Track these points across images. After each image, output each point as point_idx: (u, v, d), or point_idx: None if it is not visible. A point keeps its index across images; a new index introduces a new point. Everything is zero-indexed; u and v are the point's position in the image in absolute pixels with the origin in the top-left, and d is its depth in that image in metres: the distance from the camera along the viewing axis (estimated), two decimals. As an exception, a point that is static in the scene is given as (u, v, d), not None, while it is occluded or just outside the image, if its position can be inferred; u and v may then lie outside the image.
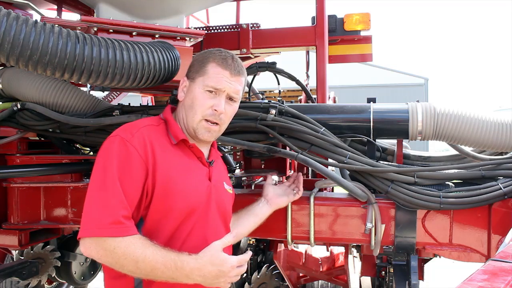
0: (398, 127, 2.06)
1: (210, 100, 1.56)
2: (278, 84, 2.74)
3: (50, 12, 3.10)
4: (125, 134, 1.47)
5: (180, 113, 1.63)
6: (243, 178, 2.61)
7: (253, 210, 1.95)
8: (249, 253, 1.51)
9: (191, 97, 1.58)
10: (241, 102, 2.25)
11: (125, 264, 1.34)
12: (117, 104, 2.26)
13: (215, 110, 1.56)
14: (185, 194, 1.51)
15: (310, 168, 2.76)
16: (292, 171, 2.87)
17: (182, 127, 1.62)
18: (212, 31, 2.99)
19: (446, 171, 2.00)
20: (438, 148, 15.46)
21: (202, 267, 1.39)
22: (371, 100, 2.19)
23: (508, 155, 2.06)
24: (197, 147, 1.61)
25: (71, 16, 3.00)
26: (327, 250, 3.27)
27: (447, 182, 2.00)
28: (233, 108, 1.64)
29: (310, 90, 3.14)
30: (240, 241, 3.03)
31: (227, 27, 2.97)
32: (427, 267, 2.49)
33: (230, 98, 1.60)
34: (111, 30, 1.85)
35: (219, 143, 2.12)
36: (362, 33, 3.06)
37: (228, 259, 1.43)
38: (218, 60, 1.58)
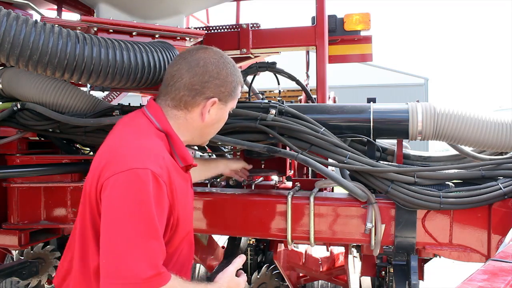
0: (398, 127, 2.06)
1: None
2: (278, 84, 2.74)
3: (50, 12, 3.10)
4: (154, 167, 1.27)
5: (189, 129, 1.49)
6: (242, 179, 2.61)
7: (213, 166, 2.19)
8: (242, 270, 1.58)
9: (217, 118, 1.50)
10: (241, 102, 2.26)
11: None
12: (117, 104, 2.26)
13: None
14: (191, 215, 1.56)
15: (310, 168, 2.76)
16: (292, 171, 2.88)
17: (185, 141, 1.50)
18: (212, 31, 2.99)
19: (446, 171, 2.00)
20: (438, 148, 15.46)
21: None
22: (371, 100, 2.19)
23: (508, 155, 2.06)
24: (196, 165, 1.56)
25: (71, 16, 3.00)
26: (327, 250, 3.27)
27: (447, 182, 2.00)
28: None
29: (310, 90, 3.14)
30: (240, 241, 3.03)
31: (227, 27, 2.97)
32: (427, 267, 2.49)
33: None
34: (111, 30, 1.85)
35: (219, 143, 2.12)
36: (362, 33, 3.06)
37: (241, 282, 1.52)
38: (241, 81, 1.58)
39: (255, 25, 2.90)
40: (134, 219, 1.20)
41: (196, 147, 2.37)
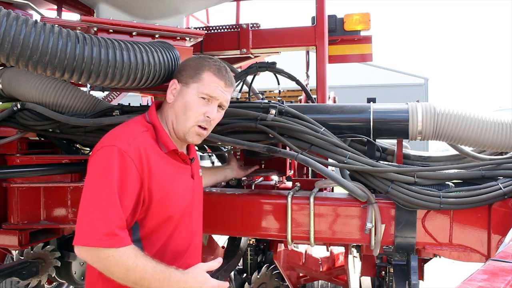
0: (398, 127, 2.07)
1: (203, 107, 1.61)
2: (278, 84, 2.74)
3: (50, 12, 3.10)
4: (122, 144, 1.47)
5: (168, 116, 1.65)
6: (243, 178, 2.61)
7: (222, 172, 2.32)
8: (226, 284, 1.60)
9: (183, 102, 1.61)
10: (241, 102, 2.26)
11: (115, 272, 1.40)
12: (117, 104, 2.26)
13: (208, 116, 1.61)
14: (177, 201, 1.62)
15: (310, 168, 2.76)
16: (292, 171, 2.88)
17: (170, 130, 1.64)
18: (212, 31, 2.99)
19: (446, 171, 2.00)
20: (438, 148, 15.45)
21: (187, 280, 1.48)
22: (371, 100, 2.19)
23: (508, 155, 2.06)
24: (183, 153, 1.68)
25: (71, 16, 3.00)
26: (327, 250, 3.27)
27: (447, 182, 2.00)
28: (221, 115, 1.71)
29: (310, 90, 3.14)
30: (240, 241, 3.04)
31: (227, 27, 2.97)
32: (427, 267, 2.49)
33: (220, 106, 1.67)
34: (111, 30, 1.85)
35: (219, 143, 2.12)
36: (362, 33, 3.06)
37: (210, 280, 1.53)
38: (214, 70, 1.62)
39: (255, 25, 2.90)
40: (96, 188, 1.42)
41: (196, 147, 2.37)
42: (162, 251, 1.58)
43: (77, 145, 2.56)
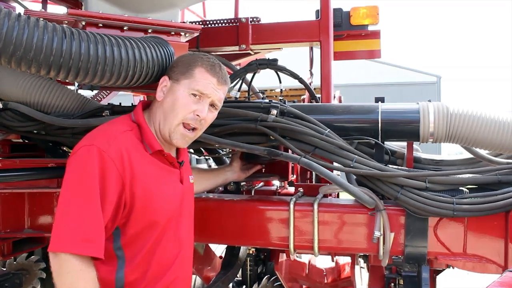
0: (408, 129, 2.07)
1: (194, 104, 1.62)
2: (280, 82, 2.74)
3: (34, 5, 3.10)
4: (101, 143, 1.48)
5: (156, 114, 1.66)
6: (242, 183, 2.61)
7: (222, 174, 2.30)
8: None
9: (172, 99, 1.62)
10: (240, 101, 2.25)
11: (61, 281, 1.39)
12: (107, 103, 2.25)
13: (197, 115, 1.62)
14: (163, 205, 1.62)
15: (314, 173, 2.76)
16: (294, 176, 2.87)
17: (156, 130, 1.66)
18: (209, 25, 2.99)
19: (460, 175, 2.00)
20: (452, 151, 15.46)
21: None
22: (379, 99, 2.19)
23: (526, 159, 2.06)
24: (171, 155, 1.68)
25: (57, 9, 3.00)
26: (332, 261, 3.26)
27: (461, 188, 2.00)
28: (213, 116, 1.72)
29: (314, 89, 3.14)
30: (239, 251, 3.03)
31: (225, 21, 2.97)
32: (439, 278, 2.48)
33: (212, 105, 1.68)
34: (100, 24, 1.85)
35: (216, 145, 2.12)
36: (370, 28, 3.06)
37: None
38: (206, 66, 1.64)
39: (255, 19, 2.90)
40: (74, 191, 1.43)
41: (191, 150, 2.37)
42: (147, 260, 1.59)
43: (64, 148, 2.56)
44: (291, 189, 2.82)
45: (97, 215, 1.42)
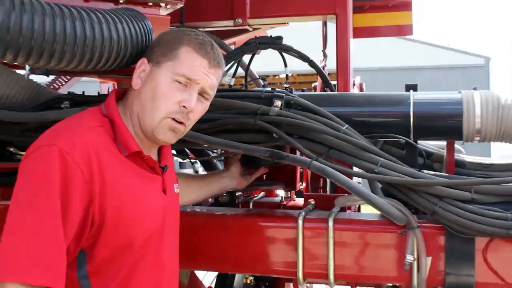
0: (448, 125, 2.07)
1: (179, 93, 1.61)
2: (285, 66, 2.75)
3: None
4: (64, 143, 1.46)
5: (133, 106, 1.66)
6: (237, 194, 2.61)
7: (217, 181, 2.29)
8: None
9: (152, 87, 1.62)
10: (235, 90, 2.25)
11: None
12: (66, 92, 2.25)
13: (184, 106, 1.61)
14: (141, 222, 1.62)
15: (328, 180, 2.76)
16: (303, 184, 2.87)
17: (135, 126, 1.66)
18: (196, -6, 2.99)
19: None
20: (505, 154, 15.45)
21: None
22: (411, 87, 2.20)
23: None
24: (151, 158, 1.68)
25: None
26: (352, 292, 3.27)
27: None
28: (204, 107, 1.71)
29: (328, 74, 3.15)
30: (233, 280, 3.03)
31: (216, -12, 2.97)
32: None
33: (203, 94, 1.67)
34: (58, -7, 1.85)
35: (205, 145, 2.12)
36: (399, -3, 3.07)
37: None
38: (195, 45, 1.63)
39: (254, -15, 2.90)
40: (28, 202, 1.41)
41: (173, 151, 2.37)
42: None
43: (11, 149, 2.56)
44: (300, 201, 2.83)
45: (57, 234, 1.40)
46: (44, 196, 1.41)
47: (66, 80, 4.25)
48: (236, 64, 2.77)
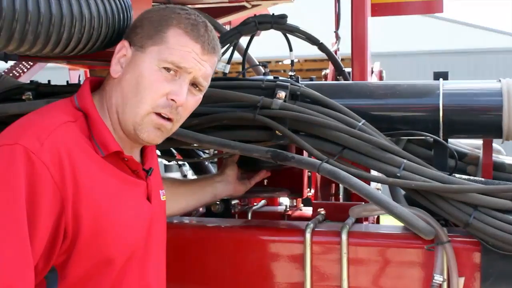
0: (484, 120, 2.08)
1: (167, 83, 1.60)
2: (290, 50, 2.74)
3: None
4: (29, 142, 1.44)
5: (112, 98, 1.65)
6: (233, 202, 2.61)
7: (210, 187, 2.31)
8: None
9: (135, 75, 1.61)
10: (231, 79, 2.25)
11: None
12: (29, 81, 2.25)
13: (172, 100, 1.60)
14: (123, 235, 1.61)
15: (341, 186, 2.76)
16: (312, 191, 2.87)
17: (113, 121, 1.65)
18: (183, -37, 3.00)
19: None
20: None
21: None
22: (441, 75, 2.20)
23: None
24: (133, 159, 1.67)
25: None
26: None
27: None
28: (196, 101, 1.70)
29: (342, 59, 3.15)
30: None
31: (207, -44, 2.97)
32: None
33: (195, 85, 1.66)
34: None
35: (195, 144, 2.12)
36: (426, -33, 3.07)
37: None
38: (185, 25, 1.62)
39: (252, -47, 2.90)
40: None
41: (158, 152, 2.37)
42: None
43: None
44: (307, 211, 2.83)
45: (23, 250, 1.39)
46: (6, 205, 1.39)
47: (28, 67, 4.24)
48: (232, 48, 2.76)
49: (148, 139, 1.64)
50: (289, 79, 2.14)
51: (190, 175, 3.88)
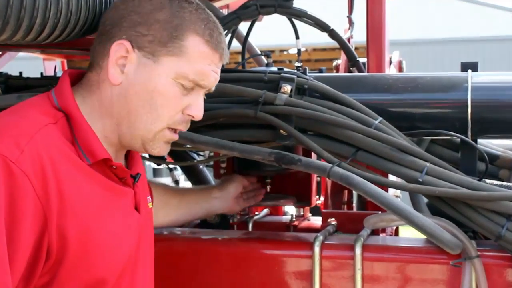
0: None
1: (184, 97, 1.62)
2: (297, 38, 2.75)
3: None
4: (6, 148, 1.42)
5: (113, 107, 1.64)
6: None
7: (204, 201, 2.36)
8: None
9: (148, 89, 1.59)
10: (230, 71, 2.25)
11: None
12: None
13: (190, 115, 1.64)
14: (114, 252, 1.62)
15: (354, 193, 2.76)
16: (321, 198, 2.87)
17: (105, 127, 1.65)
18: None
19: None
20: None
21: None
22: (469, 66, 2.20)
23: None
24: (122, 167, 1.66)
25: None
26: None
27: None
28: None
29: (355, 48, 3.15)
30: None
31: None
32: None
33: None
34: None
35: (189, 145, 2.12)
36: None
37: None
38: (203, 31, 1.61)
39: None
40: None
41: (146, 155, 2.38)
42: None
43: None
44: (316, 221, 2.83)
45: (1, 271, 1.37)
46: None
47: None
48: (230, 35, 2.77)
49: (159, 154, 1.70)
50: (295, 71, 2.14)
51: (183, 180, 3.88)
